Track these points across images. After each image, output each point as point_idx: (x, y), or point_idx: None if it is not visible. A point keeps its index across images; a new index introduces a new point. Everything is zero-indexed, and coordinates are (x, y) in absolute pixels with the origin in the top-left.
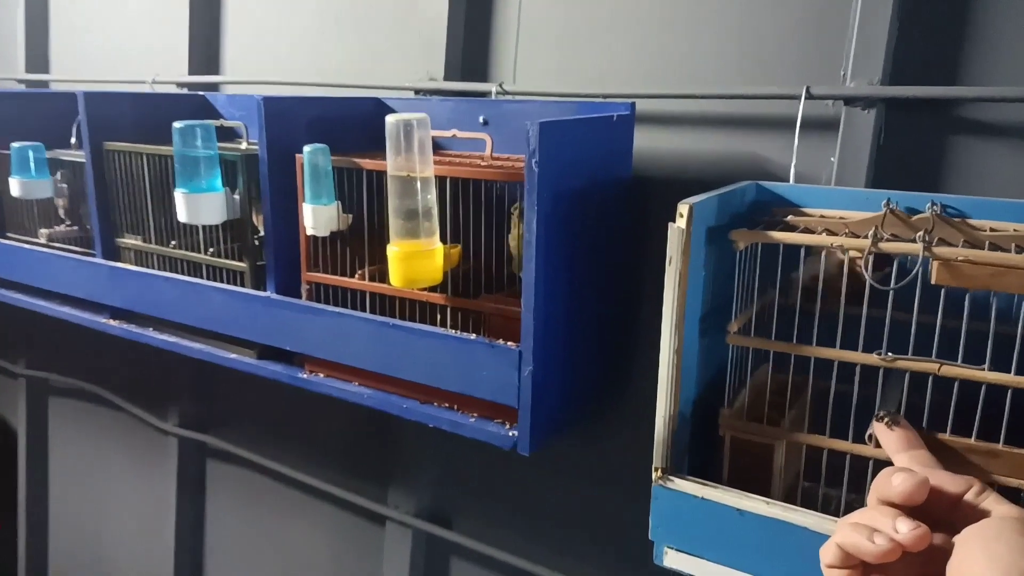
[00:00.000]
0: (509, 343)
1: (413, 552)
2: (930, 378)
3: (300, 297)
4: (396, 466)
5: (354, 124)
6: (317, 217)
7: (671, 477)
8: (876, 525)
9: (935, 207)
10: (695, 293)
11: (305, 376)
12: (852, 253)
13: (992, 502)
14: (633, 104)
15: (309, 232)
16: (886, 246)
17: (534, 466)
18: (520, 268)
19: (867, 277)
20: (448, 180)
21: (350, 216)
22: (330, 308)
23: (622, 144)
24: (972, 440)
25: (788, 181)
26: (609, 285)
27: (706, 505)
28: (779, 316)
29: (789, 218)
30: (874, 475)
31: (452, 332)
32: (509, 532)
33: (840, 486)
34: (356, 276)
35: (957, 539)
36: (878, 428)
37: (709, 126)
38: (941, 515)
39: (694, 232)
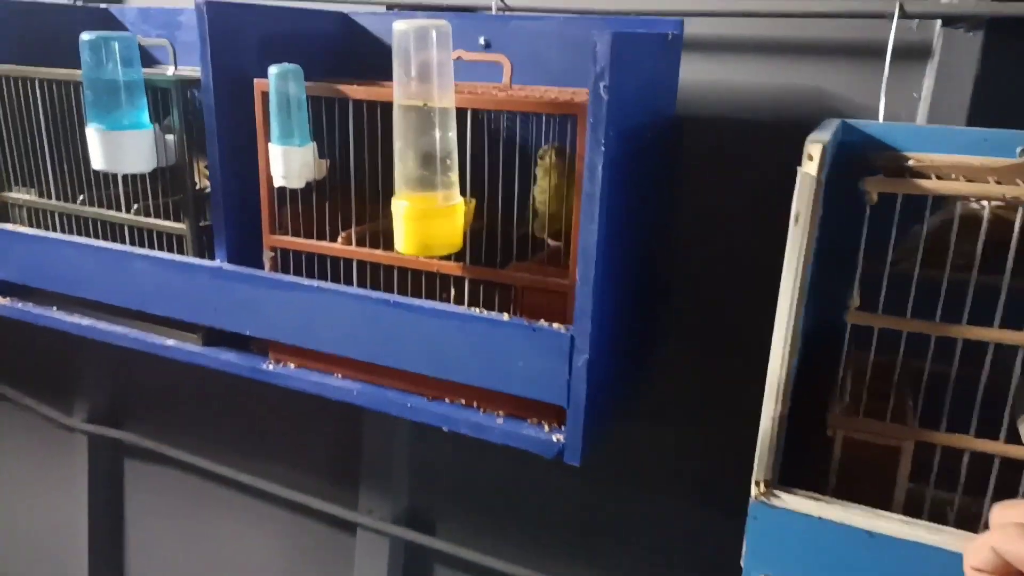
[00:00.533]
0: (555, 325)
1: (390, 563)
2: None
3: (261, 267)
4: (368, 466)
5: (315, 45)
6: (289, 163)
7: (777, 493)
8: None
9: None
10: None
11: (270, 367)
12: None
13: None
14: (682, 22)
15: (278, 183)
16: None
17: (529, 464)
18: (544, 229)
19: None
20: (467, 114)
21: (326, 162)
22: (307, 281)
23: (670, 73)
24: None
25: (864, 119)
26: (650, 249)
27: (823, 525)
28: (888, 286)
29: (911, 163)
30: (1001, 478)
31: (477, 312)
32: (503, 537)
33: (947, 488)
34: (340, 239)
35: None
36: None
37: (761, 53)
38: None
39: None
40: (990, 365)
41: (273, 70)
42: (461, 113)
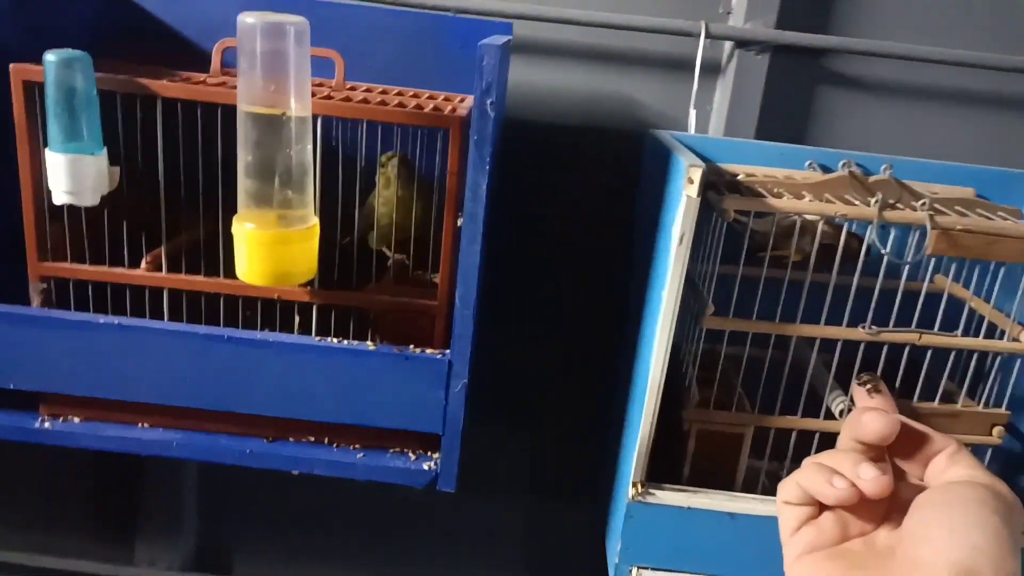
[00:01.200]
0: (428, 350)
1: None
2: (906, 348)
3: (28, 303)
4: (144, 511)
5: (75, 23)
6: (78, 174)
7: (652, 490)
8: (840, 467)
9: (888, 169)
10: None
11: (45, 425)
12: (812, 219)
13: (964, 465)
14: (511, 25)
15: (61, 199)
16: (892, 215)
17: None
18: (383, 243)
19: (883, 250)
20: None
21: (118, 170)
22: (103, 319)
23: (501, 76)
24: (936, 404)
25: (664, 128)
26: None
27: (690, 514)
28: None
29: (740, 177)
30: (819, 449)
31: (336, 342)
32: (314, 566)
33: (777, 459)
34: (144, 265)
35: (919, 498)
36: (858, 393)
37: (580, 60)
38: (913, 469)
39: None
40: (817, 354)
41: (51, 57)
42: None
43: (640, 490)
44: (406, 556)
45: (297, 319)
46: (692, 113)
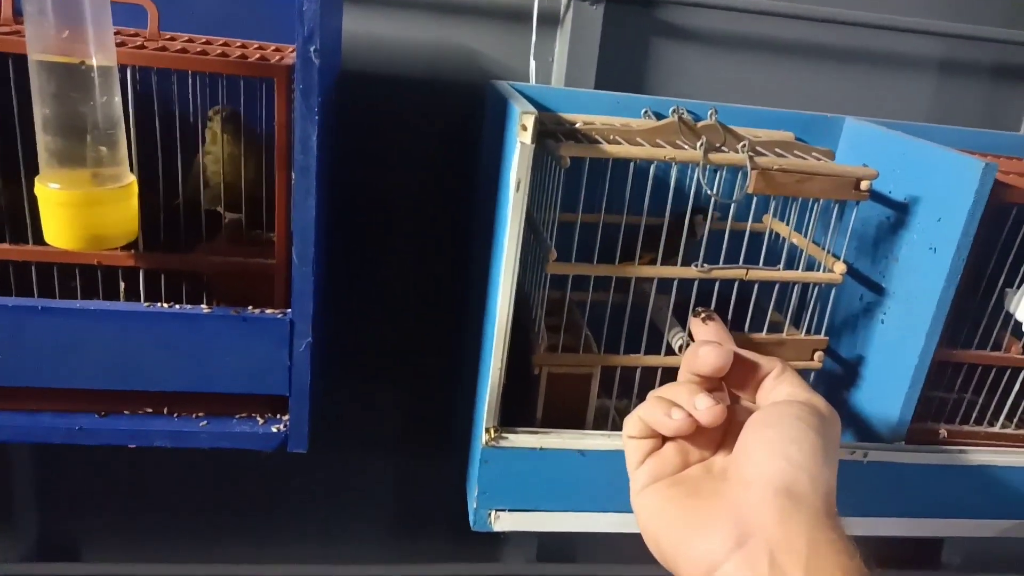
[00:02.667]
0: (268, 310)
1: None
2: (735, 283)
3: None
4: None
5: None
6: None
7: (505, 435)
8: (678, 399)
9: (714, 114)
10: None
11: None
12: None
13: (787, 384)
14: None
15: None
16: (715, 157)
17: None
18: (216, 202)
19: (708, 190)
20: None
21: None
22: None
23: (337, 27)
24: (764, 334)
25: (514, 80)
26: (332, 214)
27: (543, 455)
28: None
29: (579, 125)
30: (661, 383)
31: (168, 307)
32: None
33: (626, 396)
34: None
35: (748, 421)
36: (694, 323)
37: (420, 10)
38: (746, 394)
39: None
40: (656, 294)
41: None
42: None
43: (493, 435)
44: (268, 522)
45: (123, 285)
46: (532, 64)
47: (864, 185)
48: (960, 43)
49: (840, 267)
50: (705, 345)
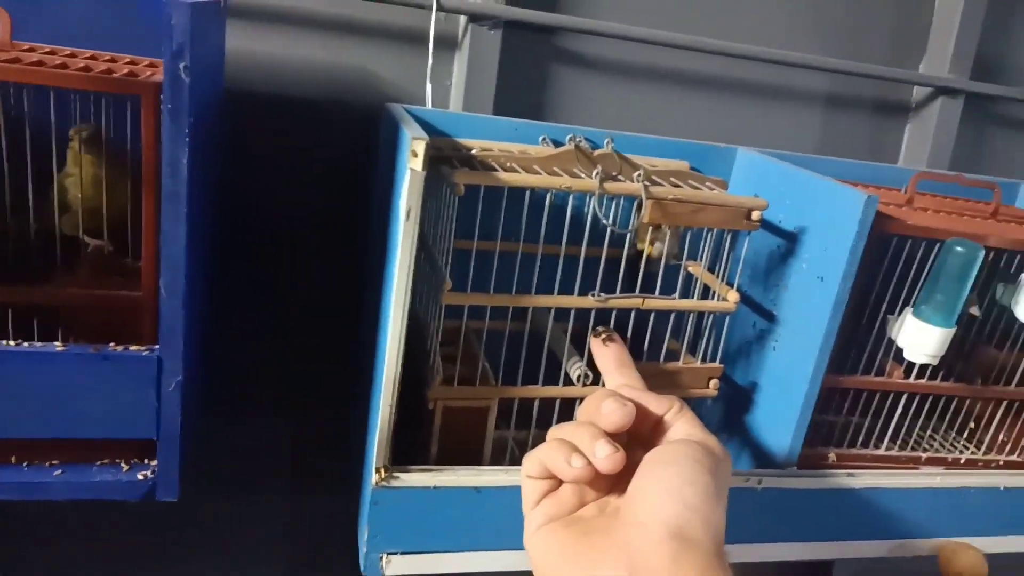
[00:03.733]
0: (133, 347)
1: None
2: (632, 312)
3: None
4: None
5: None
6: None
7: (396, 474)
8: (579, 443)
9: (610, 143)
10: None
11: None
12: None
13: (684, 423)
14: None
15: None
16: (611, 187)
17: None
18: (78, 229)
19: (604, 220)
20: None
21: None
22: None
23: (220, 44)
24: (661, 363)
25: (410, 104)
26: (212, 236)
27: (437, 493)
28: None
29: (476, 152)
30: (560, 413)
31: (13, 345)
32: None
33: (525, 427)
34: None
35: (643, 460)
36: (594, 343)
37: (314, 29)
38: (643, 432)
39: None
40: (553, 322)
41: None
42: None
43: (384, 475)
44: (151, 571)
45: None
46: (428, 87)
47: (755, 215)
48: (845, 79)
49: (733, 296)
50: (609, 401)
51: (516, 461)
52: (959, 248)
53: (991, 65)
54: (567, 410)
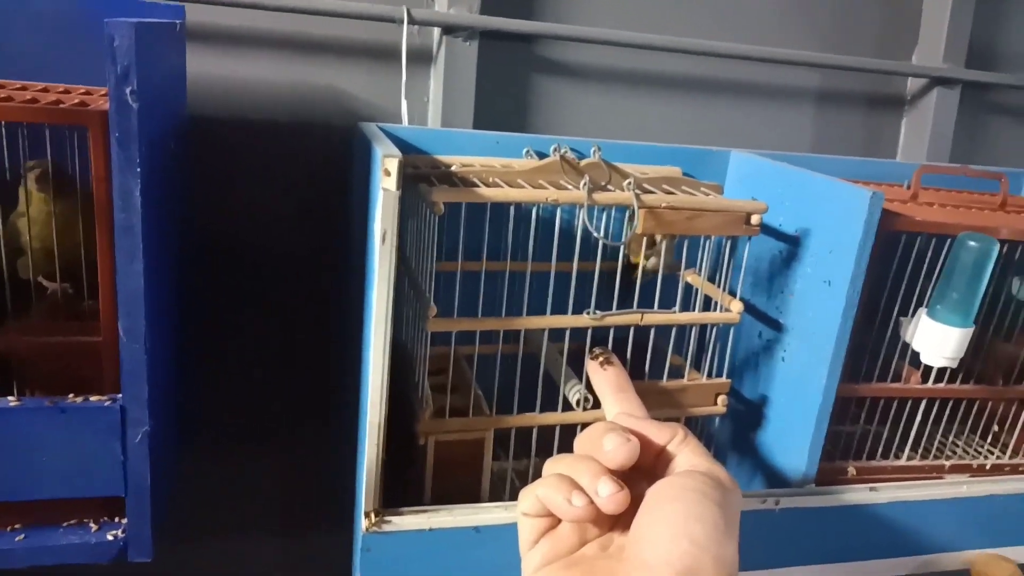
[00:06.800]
0: (93, 397)
1: None
2: (631, 329)
3: None
4: None
5: None
6: None
7: (387, 518)
8: (579, 479)
9: (598, 151)
10: None
11: None
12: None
13: (688, 453)
14: (183, 8)
15: None
16: (600, 197)
17: None
18: (37, 271)
19: (595, 233)
20: None
21: None
22: None
23: (180, 68)
24: (664, 381)
25: (384, 121)
26: (176, 267)
27: (432, 535)
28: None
29: (456, 168)
30: (561, 439)
31: None
32: None
33: (525, 455)
34: None
35: (647, 495)
36: (591, 367)
37: (280, 49)
38: (646, 464)
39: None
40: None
41: None
42: None
43: (375, 520)
44: None
45: None
46: (404, 104)
47: (755, 219)
48: (836, 74)
49: (737, 305)
50: (612, 436)
51: (516, 494)
52: (972, 243)
53: (986, 52)
54: (568, 435)
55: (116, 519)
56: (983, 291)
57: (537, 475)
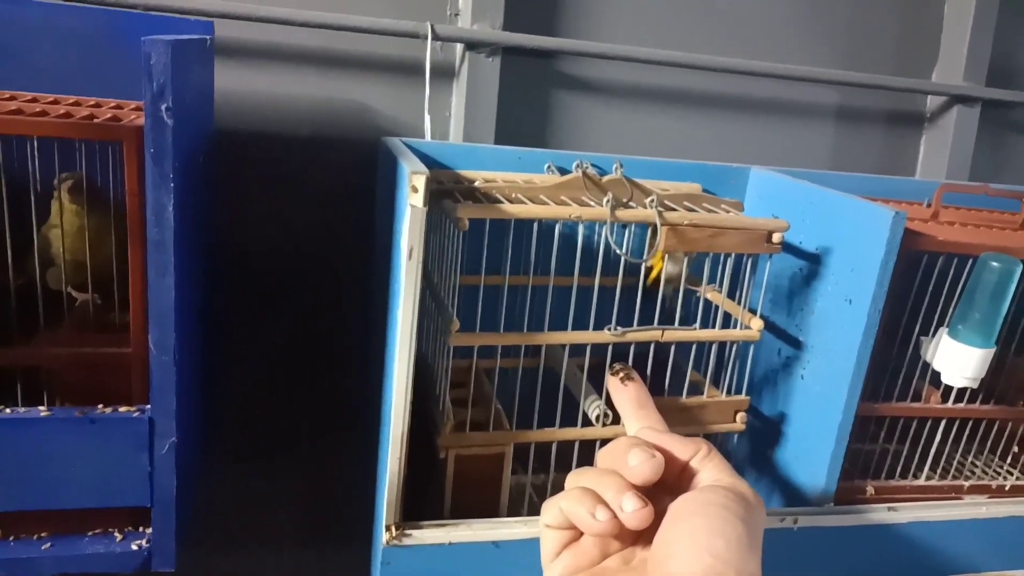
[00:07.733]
0: (122, 408)
1: None
2: (651, 345)
3: None
4: None
5: None
6: None
7: (408, 532)
8: (603, 494)
9: (619, 168)
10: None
11: None
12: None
13: (712, 469)
14: (212, 24)
15: None
16: (623, 214)
17: None
18: (67, 282)
19: (618, 250)
20: None
21: None
22: None
23: (209, 83)
24: (684, 398)
25: (407, 136)
26: (204, 281)
27: (452, 549)
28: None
29: (479, 183)
30: (580, 455)
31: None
32: None
33: (543, 471)
34: None
35: (670, 509)
36: (611, 383)
37: (306, 64)
38: (669, 479)
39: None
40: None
41: None
42: None
43: (395, 533)
44: None
45: None
46: (427, 118)
47: (776, 237)
48: (856, 91)
49: (757, 323)
50: (636, 451)
51: (535, 509)
52: (995, 263)
53: (1006, 70)
54: (587, 451)
55: (140, 529)
56: (1005, 312)
57: (556, 490)
